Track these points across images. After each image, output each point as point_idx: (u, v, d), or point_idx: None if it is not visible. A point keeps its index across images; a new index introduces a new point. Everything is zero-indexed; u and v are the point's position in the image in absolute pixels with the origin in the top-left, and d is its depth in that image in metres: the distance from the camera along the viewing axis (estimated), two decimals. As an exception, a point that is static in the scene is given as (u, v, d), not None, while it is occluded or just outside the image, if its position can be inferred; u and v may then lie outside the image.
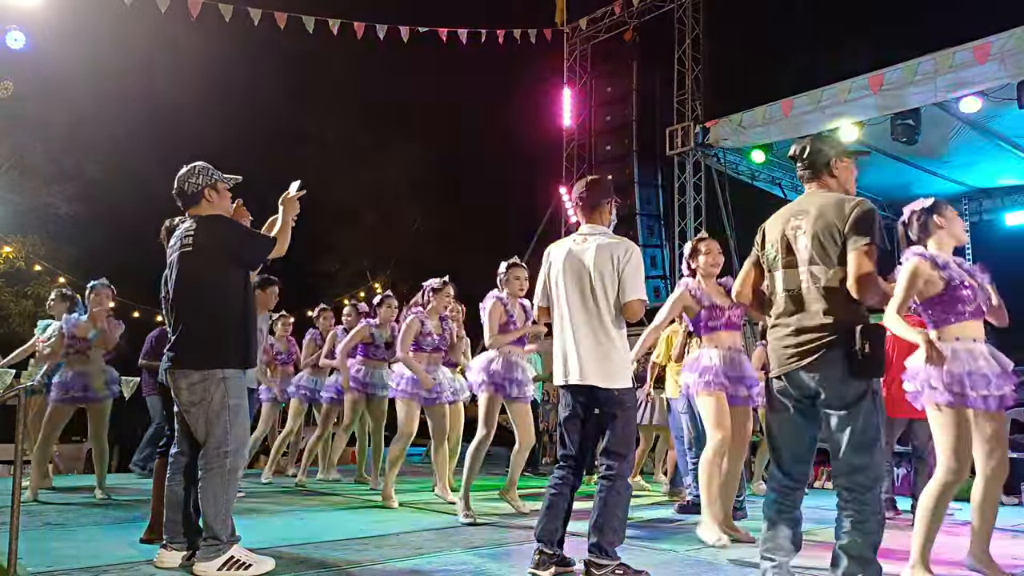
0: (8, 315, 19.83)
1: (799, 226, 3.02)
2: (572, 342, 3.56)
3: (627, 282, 3.50)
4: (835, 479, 2.95)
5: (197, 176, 3.67)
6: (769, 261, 3.14)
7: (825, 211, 2.97)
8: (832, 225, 2.92)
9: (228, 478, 3.48)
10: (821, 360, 2.87)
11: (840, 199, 2.99)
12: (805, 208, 3.05)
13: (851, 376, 2.83)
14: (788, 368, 2.96)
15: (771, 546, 3.00)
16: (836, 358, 2.85)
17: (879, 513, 2.86)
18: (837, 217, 2.92)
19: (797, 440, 3.03)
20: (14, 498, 3.31)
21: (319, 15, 11.93)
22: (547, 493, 3.58)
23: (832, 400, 2.87)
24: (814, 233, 2.96)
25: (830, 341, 2.87)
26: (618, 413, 3.50)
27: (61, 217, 20.18)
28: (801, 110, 10.10)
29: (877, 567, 2.85)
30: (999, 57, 8.36)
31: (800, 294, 2.98)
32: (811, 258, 2.96)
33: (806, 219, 3.01)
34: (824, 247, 2.93)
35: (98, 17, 13.47)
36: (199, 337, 3.53)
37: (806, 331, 2.93)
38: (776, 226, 3.13)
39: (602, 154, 14.39)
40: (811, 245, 2.96)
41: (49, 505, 5.49)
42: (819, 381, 2.89)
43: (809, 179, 3.15)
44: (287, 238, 3.74)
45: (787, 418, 3.02)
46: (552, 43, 14.46)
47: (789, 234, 3.05)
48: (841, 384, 2.85)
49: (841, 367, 2.84)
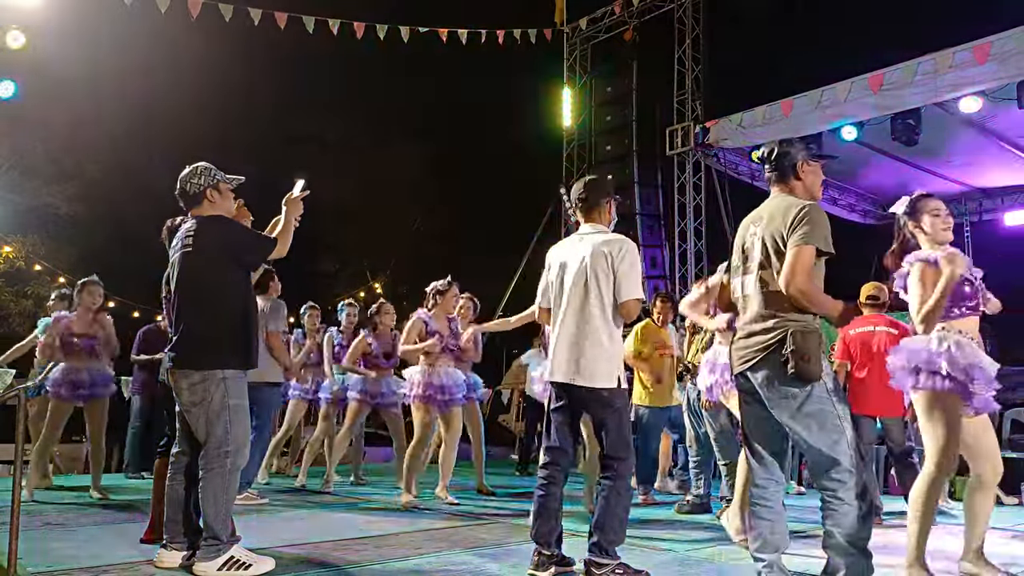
0: (8, 315, 19.82)
1: (755, 232, 3.06)
2: (562, 340, 3.57)
3: (622, 281, 3.49)
4: (812, 480, 3.01)
5: (199, 176, 3.67)
6: (733, 268, 3.20)
7: (775, 216, 3.00)
8: (778, 229, 2.94)
9: (228, 478, 3.48)
10: (761, 364, 2.93)
11: (789, 203, 2.99)
12: (761, 214, 3.08)
13: (789, 380, 2.86)
14: (739, 368, 3.05)
15: (759, 544, 3.02)
16: (775, 363, 2.88)
17: (859, 508, 2.84)
18: (783, 221, 2.94)
19: (766, 433, 3.06)
20: (14, 498, 3.31)
21: (319, 15, 11.93)
22: (536, 495, 3.58)
23: (776, 403, 2.92)
24: (763, 238, 2.99)
25: (769, 346, 2.91)
26: (607, 415, 3.49)
27: (61, 217, 20.16)
28: (801, 110, 10.10)
29: (863, 562, 2.85)
30: (999, 57, 8.37)
31: (751, 299, 3.03)
32: (761, 263, 2.99)
33: (760, 225, 3.04)
34: (770, 253, 2.96)
35: (98, 17, 13.47)
36: (199, 337, 3.53)
37: (752, 335, 2.99)
38: (740, 233, 3.18)
39: (602, 154, 14.39)
40: (761, 251, 2.99)
41: (49, 505, 5.49)
42: (760, 384, 2.95)
43: (776, 182, 3.16)
44: (289, 239, 3.74)
45: (753, 412, 3.08)
46: (552, 43, 14.45)
47: (748, 241, 3.09)
48: (782, 387, 2.88)
49: (779, 371, 2.87)
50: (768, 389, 2.93)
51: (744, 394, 3.13)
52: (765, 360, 2.92)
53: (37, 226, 19.78)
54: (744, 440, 3.17)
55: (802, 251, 2.84)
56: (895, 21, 17.86)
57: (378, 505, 5.81)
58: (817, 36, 17.23)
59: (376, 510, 5.59)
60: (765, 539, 3.01)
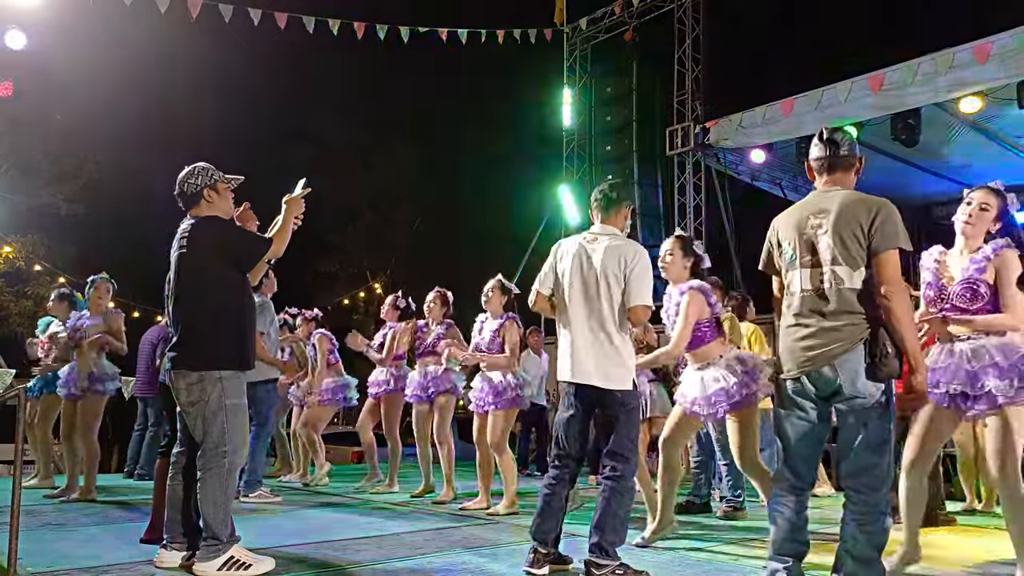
0: (8, 315, 19.82)
1: (819, 224, 2.97)
2: (575, 341, 3.56)
3: (633, 286, 3.49)
4: (844, 479, 2.93)
5: (196, 176, 3.67)
6: (786, 260, 3.08)
7: (847, 210, 2.92)
8: (857, 225, 2.89)
9: (227, 478, 3.48)
10: (843, 360, 2.86)
11: (861, 198, 2.96)
12: (825, 207, 2.98)
13: (870, 377, 2.83)
14: (807, 368, 2.93)
15: (780, 548, 2.97)
16: (857, 359, 2.84)
17: (886, 514, 2.85)
18: (863, 217, 2.89)
19: (808, 441, 3.00)
20: (14, 498, 3.30)
21: (319, 15, 11.94)
22: (541, 493, 3.58)
23: (850, 399, 2.86)
24: (837, 232, 2.91)
25: (853, 342, 2.85)
26: (620, 415, 3.50)
27: (61, 217, 20.15)
28: (801, 110, 10.11)
29: (881, 568, 2.84)
30: (999, 57, 8.37)
31: (823, 294, 2.93)
32: (834, 258, 2.91)
33: (827, 217, 2.96)
34: (848, 247, 2.89)
35: (98, 17, 13.44)
36: (196, 338, 3.54)
37: (828, 331, 2.90)
38: (791, 224, 3.07)
39: (602, 154, 14.39)
40: (834, 245, 2.91)
41: (49, 505, 5.49)
42: (841, 380, 2.86)
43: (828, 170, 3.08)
44: (286, 238, 3.73)
45: (800, 418, 3.00)
46: (552, 43, 14.46)
47: (809, 232, 2.99)
48: (860, 384, 2.84)
49: (862, 367, 2.83)
50: (847, 385, 2.85)
51: (791, 398, 3.00)
52: (846, 357, 2.85)
53: (37, 226, 19.77)
54: (780, 447, 3.06)
55: (895, 256, 2.84)
56: (895, 21, 17.88)
57: (378, 505, 5.81)
58: (817, 36, 17.25)
59: (376, 510, 5.59)
60: (790, 545, 2.95)
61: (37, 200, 19.61)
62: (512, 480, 5.37)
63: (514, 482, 5.40)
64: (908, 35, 16.17)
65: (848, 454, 2.88)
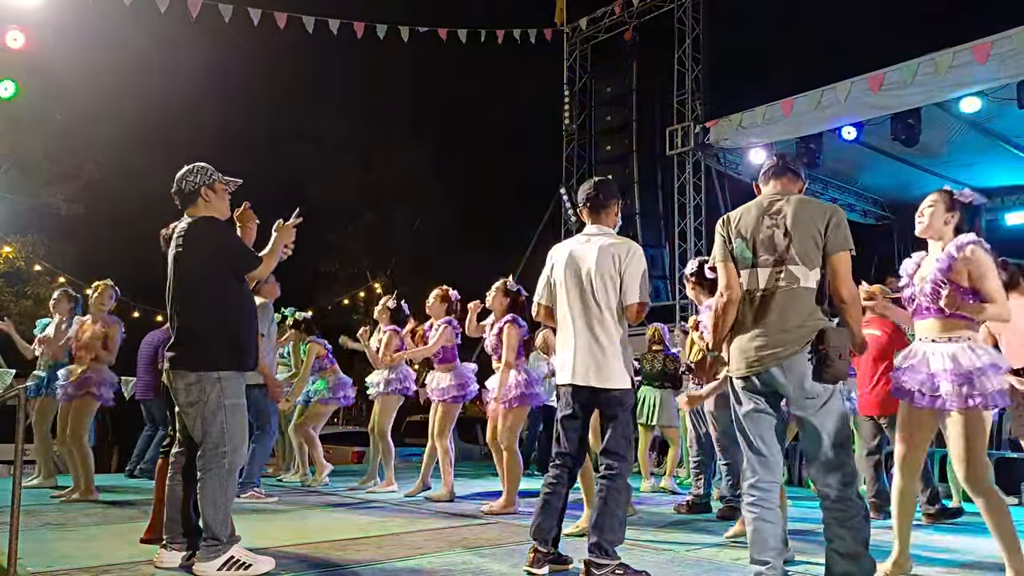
0: (8, 315, 19.76)
1: (776, 224, 3.00)
2: (572, 342, 3.57)
3: (628, 284, 3.49)
4: (816, 481, 2.94)
5: (195, 175, 3.67)
6: (742, 259, 3.08)
7: (803, 212, 2.98)
8: (814, 227, 2.94)
9: (226, 478, 3.48)
10: (791, 362, 2.89)
11: (814, 202, 3.05)
12: (780, 208, 3.03)
13: (816, 379, 2.85)
14: (756, 369, 2.96)
15: (759, 548, 2.97)
16: (805, 360, 2.87)
17: (864, 508, 2.89)
18: (818, 220, 2.95)
19: (769, 433, 3.02)
20: (14, 498, 3.31)
21: (319, 15, 11.95)
22: (542, 492, 3.59)
23: (800, 401, 2.89)
24: (795, 233, 2.95)
25: (801, 344, 2.88)
26: (618, 414, 3.51)
27: (61, 217, 20.15)
28: (801, 110, 10.11)
29: (870, 561, 2.86)
30: (999, 57, 8.38)
31: (778, 293, 2.96)
32: (792, 259, 2.95)
33: (780, 219, 3.00)
34: (806, 249, 2.94)
35: (98, 17, 13.46)
36: (195, 338, 3.54)
37: (779, 333, 2.93)
38: (747, 222, 3.09)
39: (602, 154, 14.40)
40: (793, 246, 2.95)
41: (49, 505, 5.49)
42: (783, 382, 2.91)
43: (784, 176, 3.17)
44: (272, 263, 3.74)
45: (757, 410, 3.02)
46: (552, 43, 14.48)
47: (765, 232, 3.02)
48: (808, 385, 2.87)
49: (809, 370, 2.86)
50: (795, 388, 2.88)
51: (745, 394, 3.04)
52: (795, 358, 2.88)
53: (37, 226, 19.77)
54: (745, 443, 3.07)
55: (846, 258, 2.92)
56: (894, 21, 17.88)
57: (378, 505, 5.80)
58: (817, 36, 17.25)
59: (376, 510, 5.59)
60: (768, 544, 2.95)
61: (37, 200, 19.60)
62: (515, 479, 5.37)
63: (517, 481, 5.39)
64: (908, 35, 16.18)
65: (814, 457, 2.92)
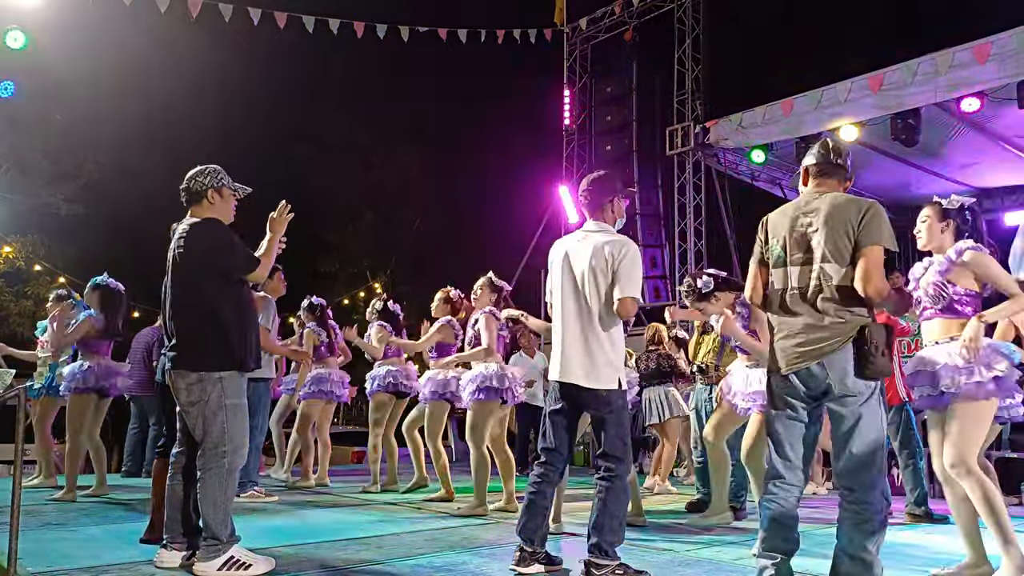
0: (8, 315, 19.82)
1: (810, 223, 3.02)
2: (561, 339, 3.57)
3: (621, 279, 3.47)
4: (838, 478, 2.94)
5: (206, 176, 3.71)
6: (773, 258, 3.11)
7: (838, 209, 2.98)
8: (847, 224, 2.94)
9: (227, 478, 3.48)
10: (832, 358, 2.88)
11: (851, 199, 3.03)
12: (816, 206, 3.04)
13: (858, 375, 2.85)
14: (797, 366, 2.96)
15: (769, 545, 2.98)
16: (846, 356, 2.87)
17: (881, 512, 2.86)
18: (852, 217, 2.94)
19: (798, 440, 3.02)
20: (14, 498, 3.30)
21: (319, 15, 11.94)
22: (527, 491, 3.58)
23: (841, 398, 2.88)
24: (827, 230, 2.96)
25: (841, 340, 2.88)
26: (606, 415, 3.49)
27: (61, 217, 20.15)
28: (801, 110, 10.10)
29: (879, 569, 2.84)
30: (999, 57, 8.37)
31: (811, 292, 2.97)
32: (824, 255, 2.95)
33: (816, 216, 3.01)
34: (838, 246, 2.93)
35: (98, 17, 13.45)
36: (195, 338, 3.54)
37: (817, 329, 2.93)
38: (782, 222, 3.11)
39: (602, 154, 14.38)
40: (824, 243, 2.96)
41: (49, 505, 5.49)
42: (831, 378, 2.89)
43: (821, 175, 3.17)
44: (269, 262, 3.74)
45: (791, 417, 3.01)
46: (552, 43, 14.47)
47: (800, 230, 3.04)
48: (850, 382, 2.86)
49: (851, 365, 2.86)
50: (837, 384, 2.88)
51: (782, 397, 3.02)
52: (835, 355, 2.88)
53: (37, 226, 19.78)
54: (774, 445, 3.05)
55: (877, 251, 2.90)
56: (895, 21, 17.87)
57: (378, 505, 5.80)
58: (817, 36, 17.25)
59: (376, 510, 5.59)
60: (778, 543, 2.95)
61: (37, 200, 19.61)
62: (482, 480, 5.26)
63: (485, 482, 5.29)
64: (908, 35, 16.18)
65: (843, 453, 2.90)
